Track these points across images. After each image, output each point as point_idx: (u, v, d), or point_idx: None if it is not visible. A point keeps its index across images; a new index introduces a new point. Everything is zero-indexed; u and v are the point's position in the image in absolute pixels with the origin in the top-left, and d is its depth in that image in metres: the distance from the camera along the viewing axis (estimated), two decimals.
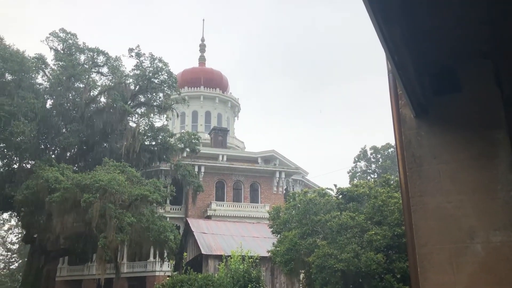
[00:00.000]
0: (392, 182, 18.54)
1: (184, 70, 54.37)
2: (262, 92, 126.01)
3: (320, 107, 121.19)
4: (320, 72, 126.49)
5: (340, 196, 17.57)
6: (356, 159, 59.29)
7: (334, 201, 17.15)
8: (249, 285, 16.03)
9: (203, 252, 22.50)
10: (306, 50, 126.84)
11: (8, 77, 32.97)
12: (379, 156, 58.44)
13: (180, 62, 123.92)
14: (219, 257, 21.43)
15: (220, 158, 42.67)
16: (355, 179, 53.93)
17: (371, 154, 59.00)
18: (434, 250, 4.38)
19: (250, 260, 17.33)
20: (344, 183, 40.87)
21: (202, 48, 58.44)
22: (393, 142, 57.17)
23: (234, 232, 26.34)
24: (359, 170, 58.84)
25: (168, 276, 21.29)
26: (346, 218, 15.29)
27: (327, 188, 18.70)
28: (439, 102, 4.80)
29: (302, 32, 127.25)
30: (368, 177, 54.92)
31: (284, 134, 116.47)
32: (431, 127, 4.87)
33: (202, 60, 57.69)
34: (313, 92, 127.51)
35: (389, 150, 57.38)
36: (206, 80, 53.29)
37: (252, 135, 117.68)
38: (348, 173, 59.12)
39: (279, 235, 18.27)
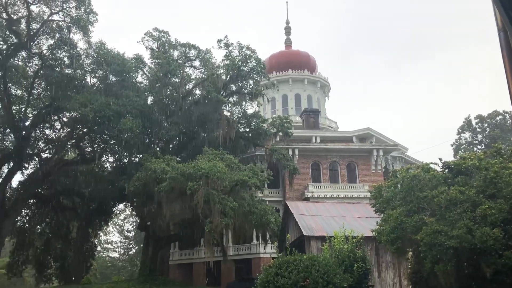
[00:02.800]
0: (504, 151, 17.08)
1: (271, 55, 54.61)
2: (353, 69, 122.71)
3: (415, 79, 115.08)
4: (413, 43, 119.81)
5: (447, 170, 16.59)
6: (460, 131, 55.60)
7: (440, 176, 16.23)
8: (355, 265, 15.86)
9: (304, 233, 22.60)
10: (395, 22, 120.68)
11: (112, 78, 35.89)
12: (485, 125, 54.17)
13: (266, 48, 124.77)
14: (321, 238, 21.40)
15: (313, 139, 42.41)
16: (460, 151, 50.66)
17: (477, 124, 54.90)
18: None
19: (354, 240, 17.11)
20: (448, 157, 38.47)
21: (287, 30, 58.18)
22: (501, 109, 52.68)
23: (334, 213, 26.08)
24: (464, 142, 55.15)
25: (273, 257, 21.82)
26: (455, 193, 14.43)
27: (431, 163, 17.74)
28: None
29: (389, 3, 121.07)
30: (475, 149, 51.22)
31: (379, 110, 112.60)
32: None
33: (288, 43, 57.48)
34: (407, 65, 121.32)
35: (497, 118, 52.90)
36: (293, 62, 53.05)
37: (345, 114, 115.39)
38: (452, 146, 55.75)
39: (382, 214, 17.78)
